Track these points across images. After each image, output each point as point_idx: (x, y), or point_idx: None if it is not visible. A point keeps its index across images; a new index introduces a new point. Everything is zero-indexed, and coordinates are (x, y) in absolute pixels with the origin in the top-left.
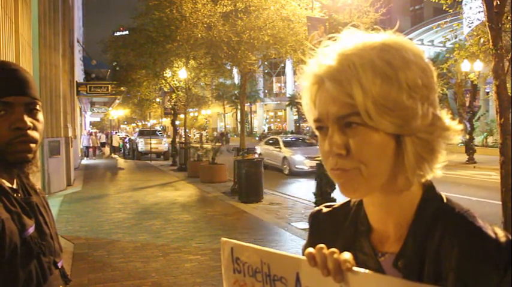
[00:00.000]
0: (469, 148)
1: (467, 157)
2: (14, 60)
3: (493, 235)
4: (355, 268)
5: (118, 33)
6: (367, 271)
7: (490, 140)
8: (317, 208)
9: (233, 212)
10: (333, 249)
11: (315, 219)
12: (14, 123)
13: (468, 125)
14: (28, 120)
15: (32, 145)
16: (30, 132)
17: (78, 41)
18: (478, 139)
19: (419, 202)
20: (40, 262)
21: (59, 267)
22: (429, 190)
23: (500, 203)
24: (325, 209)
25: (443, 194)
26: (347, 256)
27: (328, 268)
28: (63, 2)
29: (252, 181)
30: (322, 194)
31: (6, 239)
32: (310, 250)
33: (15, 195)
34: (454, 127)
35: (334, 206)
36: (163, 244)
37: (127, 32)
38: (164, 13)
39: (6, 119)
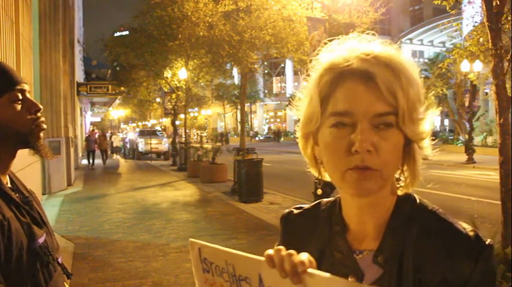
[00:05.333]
0: (469, 148)
1: (467, 157)
2: (15, 61)
3: (463, 230)
4: (311, 270)
5: (118, 34)
6: (323, 273)
7: (490, 140)
8: (287, 210)
9: (233, 212)
10: (290, 251)
11: (286, 221)
12: (33, 107)
13: (468, 125)
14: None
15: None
16: (41, 115)
17: (78, 41)
18: (477, 139)
19: (395, 201)
20: (47, 264)
21: (60, 263)
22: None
23: (500, 203)
24: (295, 211)
25: (415, 194)
26: (304, 257)
27: (285, 270)
28: (64, 2)
29: (252, 181)
30: (322, 194)
31: (13, 238)
32: (269, 251)
33: (14, 195)
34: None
35: (304, 208)
36: (163, 243)
37: (127, 32)
38: (166, 12)
39: (23, 105)
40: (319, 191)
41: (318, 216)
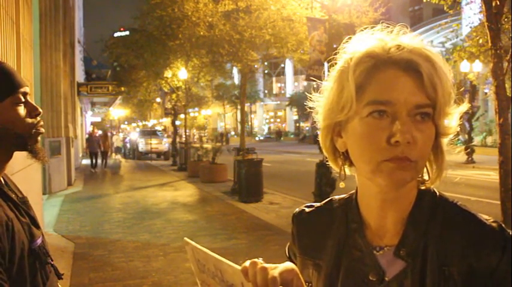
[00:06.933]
0: (468, 147)
1: (467, 156)
2: (15, 61)
3: (486, 221)
4: None
5: (118, 34)
6: None
7: (489, 140)
8: (299, 209)
9: (233, 211)
10: (264, 265)
11: (299, 219)
12: (33, 111)
13: (467, 125)
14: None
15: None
16: (40, 119)
17: (79, 41)
18: (477, 139)
19: (417, 195)
20: (44, 265)
21: (52, 264)
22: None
23: (499, 202)
24: (307, 209)
25: (434, 188)
26: (277, 273)
27: (257, 284)
28: (64, 2)
29: (252, 181)
30: (322, 194)
31: (16, 238)
32: (246, 263)
33: (12, 195)
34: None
35: (316, 206)
36: (163, 243)
37: (127, 33)
38: (166, 12)
39: (24, 108)
40: (342, 185)
41: (333, 214)
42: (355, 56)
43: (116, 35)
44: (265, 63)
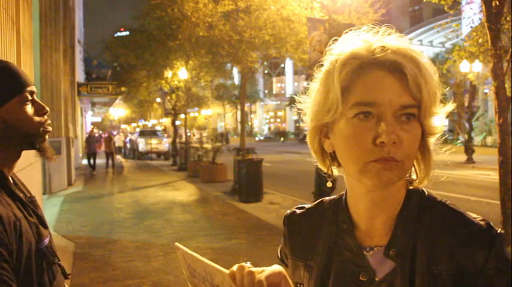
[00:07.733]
0: (468, 147)
1: (466, 156)
2: (15, 61)
3: (474, 220)
4: None
5: (118, 34)
6: None
7: (489, 140)
8: (290, 210)
9: (233, 211)
10: (251, 270)
11: (290, 221)
12: (40, 109)
13: (467, 125)
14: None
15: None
16: (48, 118)
17: (79, 42)
18: (477, 139)
19: (405, 195)
20: (51, 264)
21: (59, 263)
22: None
23: (499, 202)
24: (298, 211)
25: (422, 188)
26: (263, 277)
27: None
28: (64, 2)
29: (252, 181)
30: (322, 194)
31: (23, 238)
32: (234, 268)
33: (20, 194)
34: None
35: (307, 207)
36: (163, 243)
37: (127, 33)
38: (166, 12)
39: (32, 107)
40: (329, 184)
41: (323, 215)
42: (341, 58)
43: (116, 35)
44: (265, 63)
